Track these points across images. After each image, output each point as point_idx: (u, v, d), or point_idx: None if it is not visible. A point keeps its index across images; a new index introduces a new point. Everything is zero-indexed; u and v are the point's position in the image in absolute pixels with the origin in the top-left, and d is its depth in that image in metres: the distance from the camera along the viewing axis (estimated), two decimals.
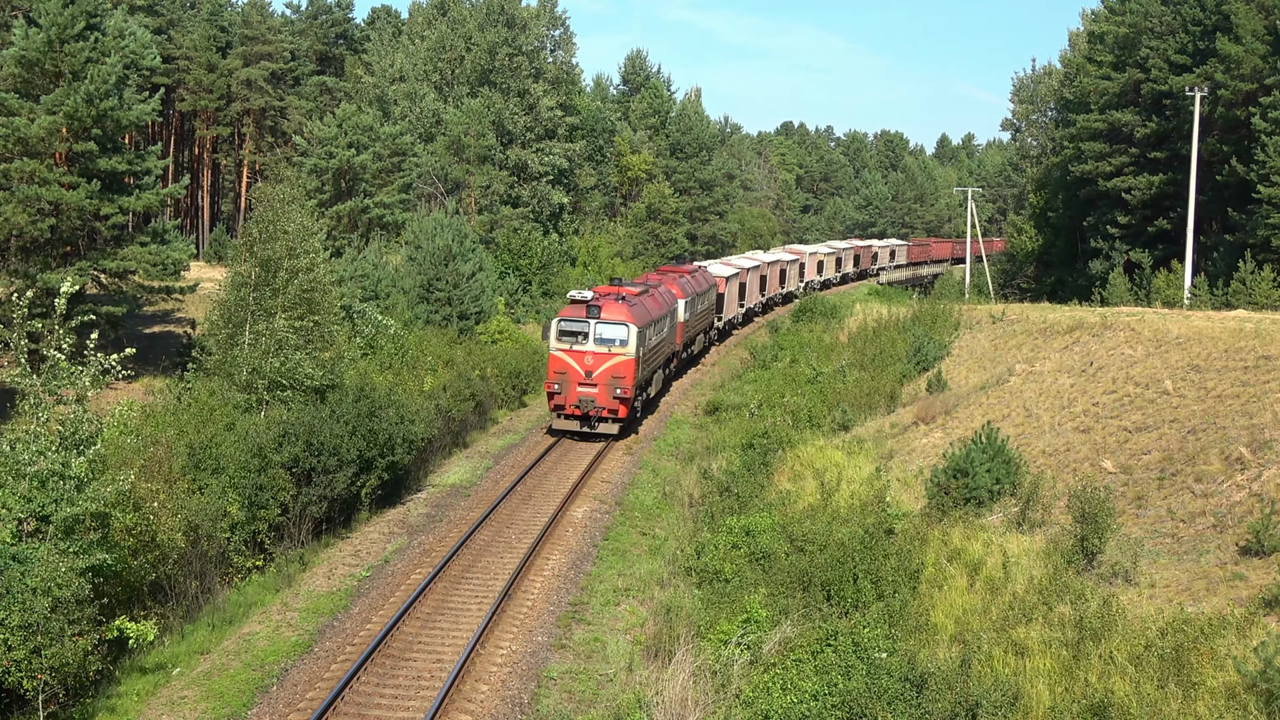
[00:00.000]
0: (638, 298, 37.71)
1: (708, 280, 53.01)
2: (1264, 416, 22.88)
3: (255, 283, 29.46)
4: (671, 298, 43.85)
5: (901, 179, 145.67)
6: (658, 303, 40.24)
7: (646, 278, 48.20)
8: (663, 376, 42.57)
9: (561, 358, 34.89)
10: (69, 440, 17.40)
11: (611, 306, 35.21)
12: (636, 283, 42.96)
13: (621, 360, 34.74)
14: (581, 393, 34.69)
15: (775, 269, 72.79)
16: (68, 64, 37.17)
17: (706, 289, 51.83)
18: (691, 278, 49.82)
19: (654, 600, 21.33)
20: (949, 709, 14.59)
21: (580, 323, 34.94)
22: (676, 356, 46.19)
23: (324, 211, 53.88)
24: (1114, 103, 62.07)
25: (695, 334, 49.94)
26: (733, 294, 59.81)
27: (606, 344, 34.71)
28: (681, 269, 51.72)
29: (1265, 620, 15.94)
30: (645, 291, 39.93)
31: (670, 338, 43.07)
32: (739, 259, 67.85)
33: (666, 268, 53.00)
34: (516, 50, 71.53)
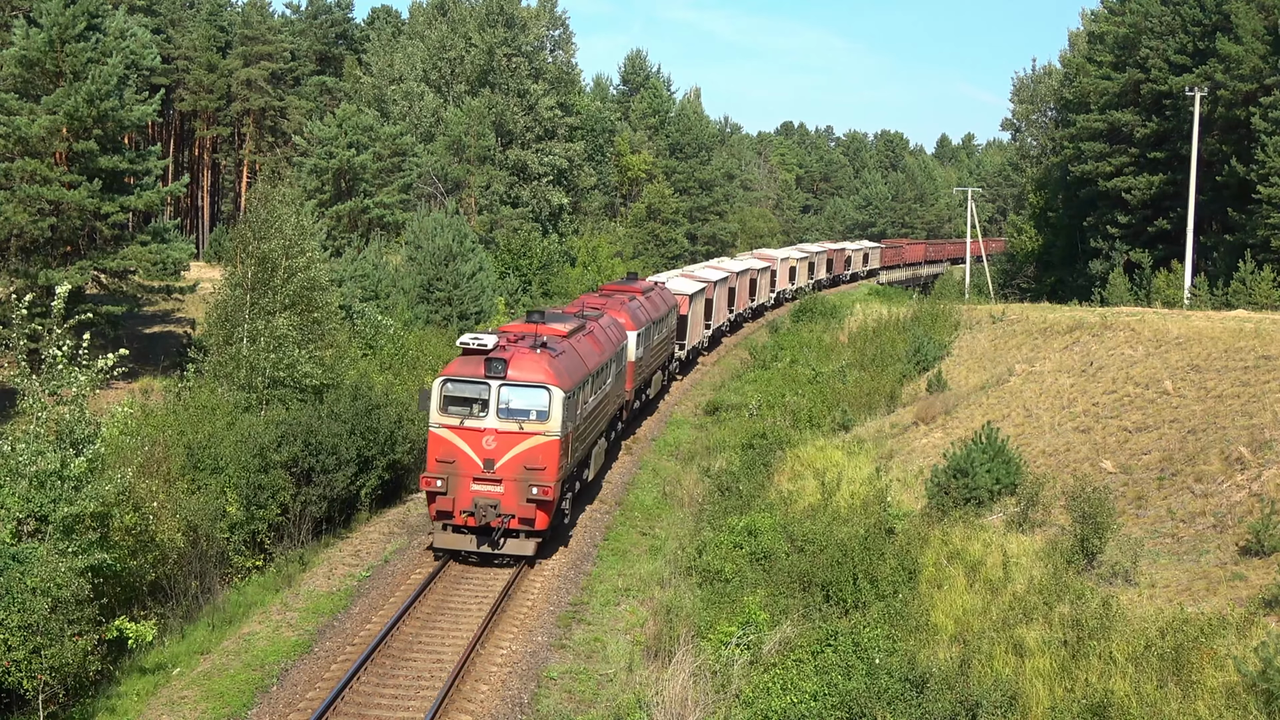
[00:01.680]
0: (566, 341, 26.14)
1: (666, 301, 41.95)
2: (1264, 416, 22.88)
3: (252, 282, 29.48)
4: (618, 331, 32.59)
5: (901, 179, 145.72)
6: (598, 343, 28.92)
7: (584, 303, 35.10)
8: (605, 446, 30.14)
9: (447, 439, 22.77)
10: (67, 440, 17.41)
11: (524, 360, 23.37)
12: (569, 312, 31.23)
13: (541, 442, 22.72)
14: (478, 493, 22.57)
15: (745, 280, 61.85)
16: (68, 64, 37.19)
17: (665, 313, 40.82)
18: (645, 300, 38.20)
19: (654, 600, 21.33)
20: (949, 709, 14.59)
21: (476, 385, 22.96)
22: (626, 408, 34.73)
23: (324, 211, 53.92)
24: (1114, 103, 62.07)
25: (652, 372, 38.18)
26: (697, 315, 49.17)
27: (517, 417, 22.88)
28: (631, 288, 39.61)
29: (1265, 620, 15.94)
30: (579, 329, 28.11)
31: (617, 387, 31.75)
32: (703, 270, 56.66)
33: (612, 286, 40.78)
34: (516, 50, 71.54)
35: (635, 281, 42.60)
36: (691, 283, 48.97)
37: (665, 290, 43.76)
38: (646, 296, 38.92)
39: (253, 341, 28.60)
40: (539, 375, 23.10)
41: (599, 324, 30.64)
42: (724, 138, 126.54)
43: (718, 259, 69.98)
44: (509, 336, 24.80)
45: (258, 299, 29.41)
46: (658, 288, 42.71)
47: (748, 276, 62.33)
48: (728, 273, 57.12)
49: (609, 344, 30.23)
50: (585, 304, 34.42)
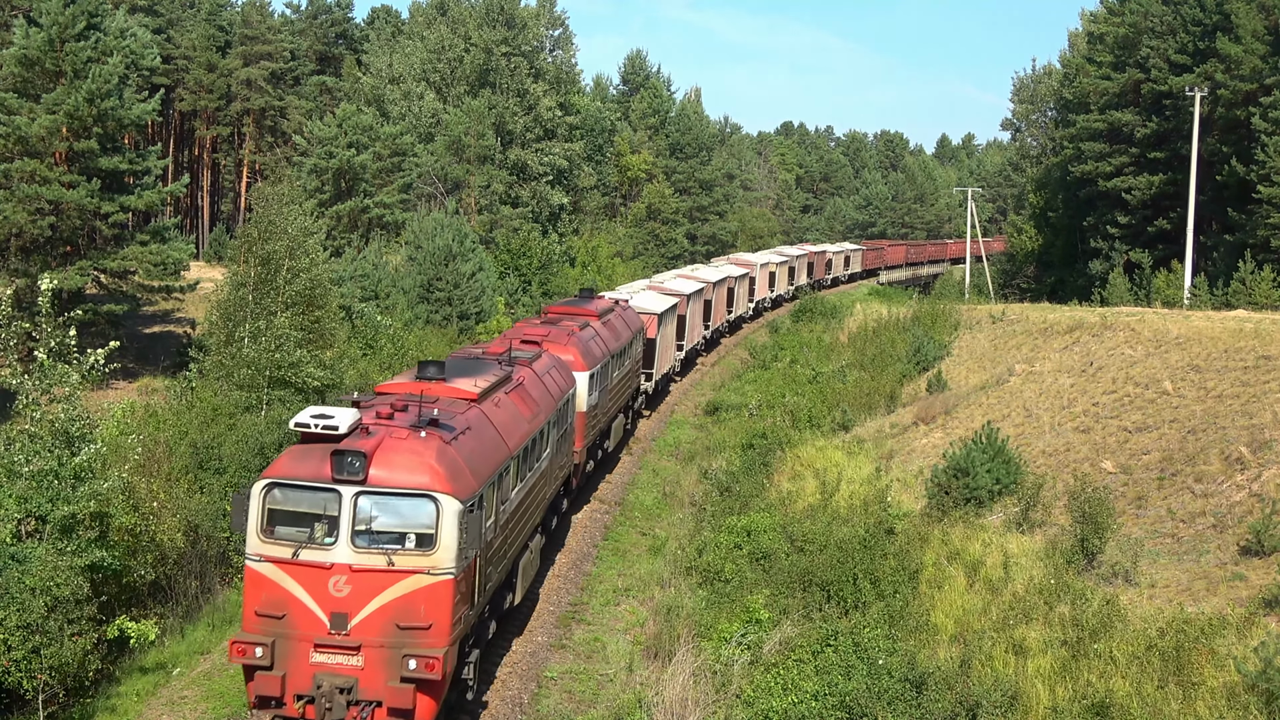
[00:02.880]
0: (475, 409, 17.65)
1: (630, 324, 34.04)
2: (1264, 416, 22.88)
3: (255, 282, 29.49)
4: (561, 376, 24.19)
5: (901, 179, 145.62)
6: (529, 401, 20.52)
7: (517, 335, 26.23)
8: (541, 542, 21.63)
9: (272, 580, 14.68)
10: (61, 438, 17.41)
11: (398, 450, 15.03)
12: (490, 353, 22.64)
13: (423, 585, 14.62)
14: (322, 667, 14.52)
15: (722, 290, 55.00)
16: (68, 63, 37.20)
17: (629, 340, 32.92)
18: (602, 326, 30.44)
19: (654, 600, 21.33)
20: (949, 709, 14.60)
21: (318, 493, 14.80)
22: (576, 473, 26.37)
23: (324, 211, 53.88)
24: (1114, 103, 62.07)
25: (611, 418, 30.56)
26: (668, 337, 41.37)
27: (384, 545, 14.70)
28: (584, 310, 31.33)
29: (1265, 620, 15.95)
30: (500, 384, 19.60)
31: (560, 457, 23.35)
32: (675, 281, 48.45)
33: (559, 309, 32.04)
34: (515, 50, 71.53)
35: (590, 301, 33.39)
36: (660, 298, 41.37)
37: (628, 310, 35.38)
38: (604, 321, 30.89)
39: (254, 340, 28.62)
40: (420, 476, 14.57)
41: (533, 370, 21.86)
42: (724, 138, 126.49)
43: (691, 266, 61.45)
44: (382, 408, 15.77)
45: (260, 298, 29.43)
46: (619, 307, 34.31)
47: (725, 286, 55.74)
48: (703, 283, 50.00)
49: (547, 398, 21.66)
50: (520, 336, 25.80)
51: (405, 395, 16.88)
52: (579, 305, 32.33)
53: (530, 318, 32.76)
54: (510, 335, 26.14)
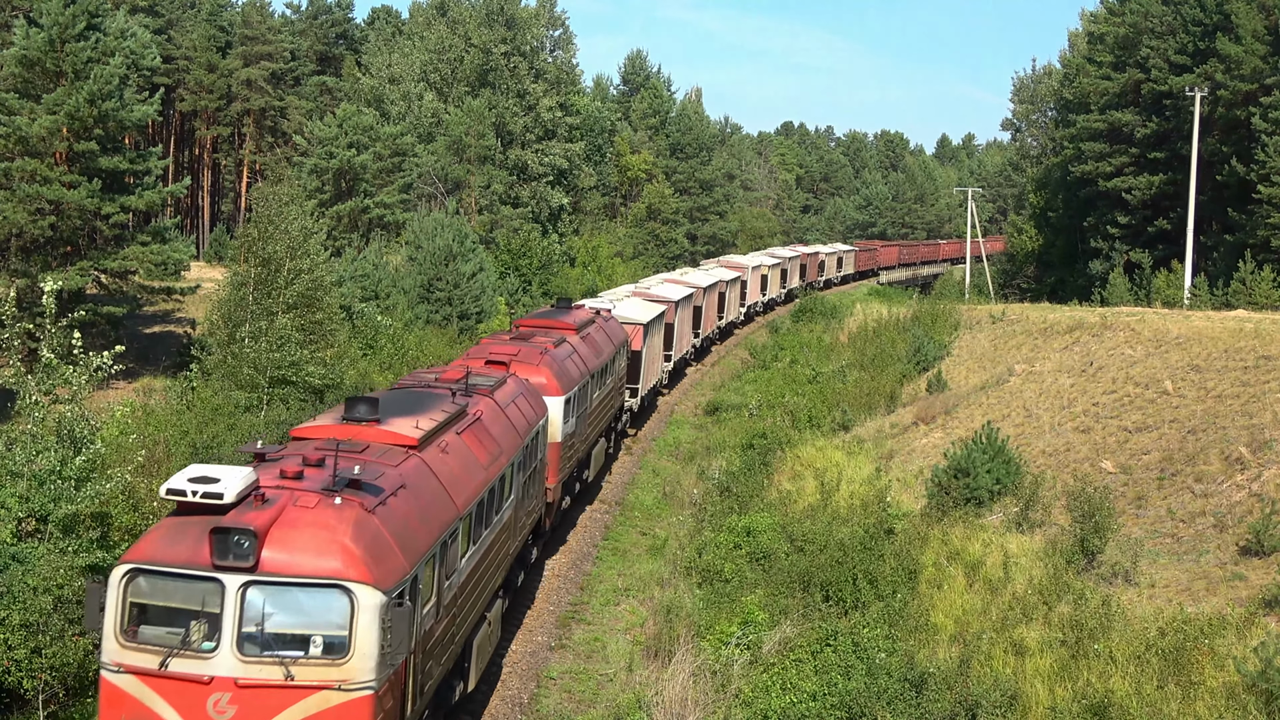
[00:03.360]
0: (414, 459, 14.06)
1: (613, 336, 31.46)
2: (1264, 416, 22.89)
3: (255, 282, 29.51)
4: (530, 406, 20.71)
5: (902, 179, 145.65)
6: (486, 444, 16.80)
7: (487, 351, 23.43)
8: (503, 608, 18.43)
9: (134, 696, 10.99)
10: (66, 439, 17.42)
11: (300, 527, 11.30)
12: (444, 381, 18.76)
13: (334, 705, 10.92)
14: None
15: (713, 295, 51.91)
16: (69, 64, 37.20)
17: (611, 354, 30.16)
18: (581, 341, 27.41)
19: (654, 600, 21.33)
20: (949, 709, 14.60)
21: (196, 582, 11.08)
22: (549, 513, 22.89)
23: (324, 211, 53.89)
24: (1114, 103, 62.09)
25: (591, 444, 27.43)
26: (655, 348, 38.76)
27: (279, 649, 11.01)
28: (561, 323, 28.19)
29: (1265, 620, 15.96)
30: (449, 423, 15.98)
31: (530, 495, 20.15)
32: (662, 286, 45.28)
33: (532, 321, 28.87)
34: (514, 50, 71.54)
35: (567, 312, 30.26)
36: (647, 306, 38.37)
37: (611, 322, 32.51)
38: (583, 335, 27.94)
39: (255, 340, 28.62)
40: (329, 560, 11.08)
41: (494, 400, 18.20)
42: (724, 138, 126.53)
43: (680, 270, 57.96)
44: (289, 463, 12.33)
45: (261, 299, 29.44)
46: (600, 319, 31.26)
47: (715, 291, 52.87)
48: (692, 288, 47.17)
49: (511, 434, 18.01)
50: (485, 355, 22.77)
51: (323, 444, 12.93)
52: (554, 318, 28.96)
53: (499, 333, 28.11)
54: (475, 355, 23.21)
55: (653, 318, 37.54)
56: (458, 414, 16.37)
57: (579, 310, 31.49)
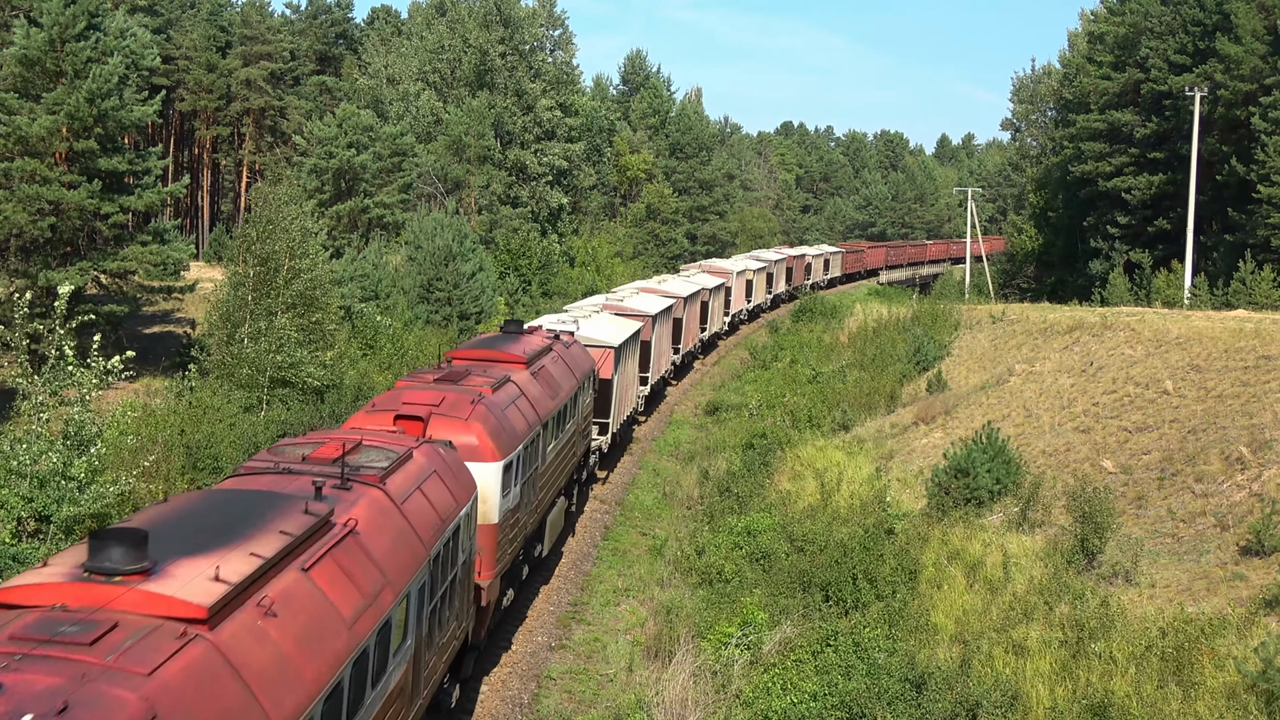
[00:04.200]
0: (205, 649, 7.98)
1: (577, 366, 25.81)
2: (1264, 416, 22.88)
3: (254, 282, 29.51)
4: (451, 484, 14.75)
5: (901, 179, 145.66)
6: (357, 576, 10.75)
7: (399, 401, 17.64)
8: None
9: None
10: (72, 440, 17.43)
11: None
12: (312, 461, 13.12)
13: None
14: None
15: (694, 305, 47.56)
16: (69, 63, 37.18)
17: (575, 389, 24.59)
18: (532, 379, 21.68)
19: (654, 600, 21.33)
20: (949, 709, 14.60)
21: None
22: (484, 619, 17.52)
23: (324, 211, 53.90)
24: (1114, 103, 62.08)
25: (547, 508, 21.67)
26: (629, 372, 33.46)
27: None
28: (507, 355, 22.23)
29: (1265, 620, 15.95)
30: (300, 548, 10.15)
31: (444, 620, 14.06)
32: (639, 298, 39.69)
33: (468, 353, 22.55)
34: (512, 50, 71.55)
35: (516, 340, 23.75)
36: (619, 325, 32.93)
37: (574, 347, 26.78)
38: (535, 371, 22.09)
39: (255, 341, 28.62)
40: None
41: (384, 494, 12.55)
42: (724, 138, 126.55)
43: (658, 278, 52.46)
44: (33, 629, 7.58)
45: (260, 299, 29.44)
46: (560, 345, 25.57)
47: (698, 300, 48.50)
48: (672, 298, 42.43)
49: (409, 547, 12.41)
50: (396, 407, 17.02)
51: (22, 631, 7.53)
52: (498, 347, 22.56)
53: (422, 371, 20.95)
54: (384, 405, 17.13)
55: (626, 338, 31.82)
56: (310, 533, 10.40)
57: (531, 336, 25.12)
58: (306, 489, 11.57)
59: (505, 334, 24.80)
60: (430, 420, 16.80)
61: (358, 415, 17.28)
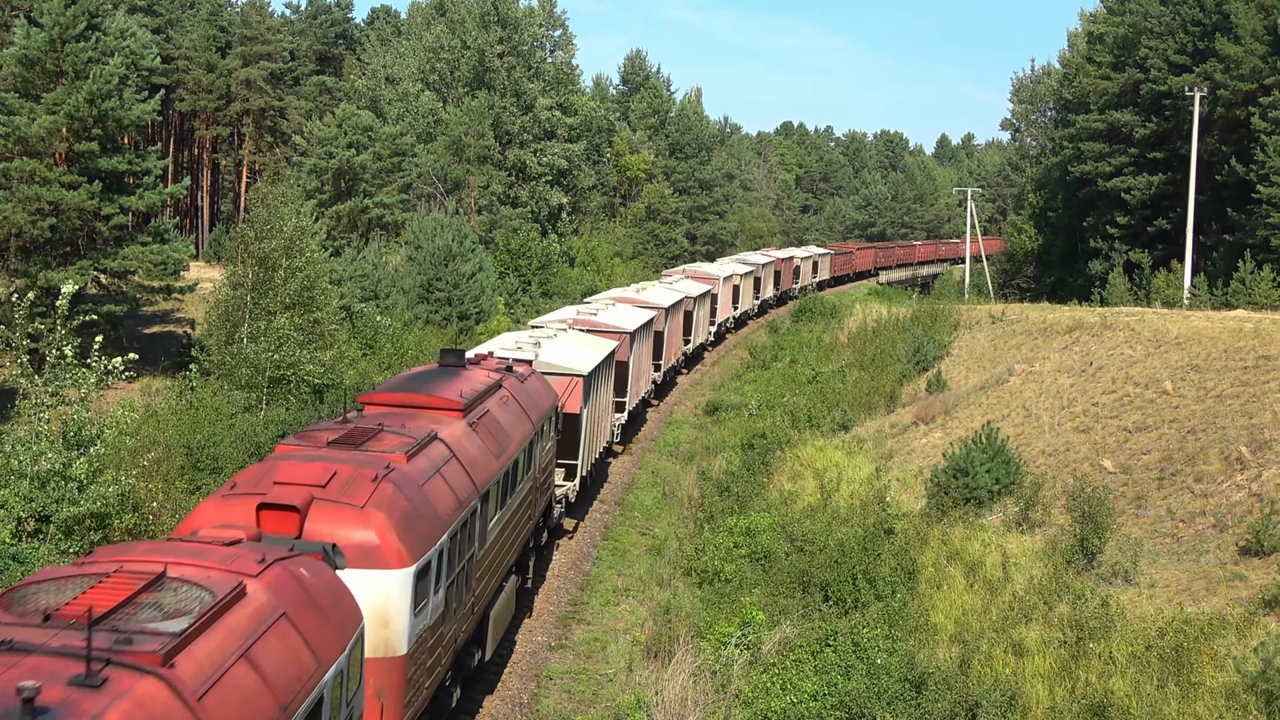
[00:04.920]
0: None
1: (533, 406, 20.89)
2: (1264, 416, 22.88)
3: (252, 282, 29.51)
4: (325, 631, 9.55)
5: (901, 179, 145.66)
6: None
7: (268, 479, 12.29)
8: None
9: None
10: (72, 441, 17.43)
11: None
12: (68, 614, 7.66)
13: None
14: None
15: (677, 316, 43.54)
16: (69, 64, 37.20)
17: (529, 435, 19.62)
18: (469, 433, 16.47)
19: (654, 600, 21.34)
20: (949, 709, 14.60)
21: None
22: None
23: (324, 211, 53.90)
24: (1113, 103, 62.07)
25: (487, 603, 16.83)
26: (601, 402, 28.22)
27: None
28: (437, 399, 16.93)
29: (1265, 620, 15.95)
30: None
31: None
32: (614, 311, 34.98)
33: (387, 397, 17.09)
34: (510, 50, 71.54)
35: (456, 375, 18.81)
36: (590, 346, 27.93)
37: (531, 381, 21.67)
38: (476, 419, 17.12)
39: (254, 341, 28.62)
40: None
41: (197, 660, 7.70)
42: (724, 138, 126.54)
43: (636, 286, 46.82)
44: None
45: (259, 299, 29.44)
46: (512, 378, 20.62)
47: (681, 310, 44.47)
48: (653, 310, 38.15)
49: None
50: (265, 491, 12.10)
51: None
52: (429, 389, 17.21)
53: (317, 426, 15.52)
54: (241, 488, 12.31)
55: (600, 362, 26.87)
56: None
57: (474, 370, 19.76)
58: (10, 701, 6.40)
59: (441, 368, 19.40)
60: (310, 510, 11.68)
61: (207, 504, 12.13)
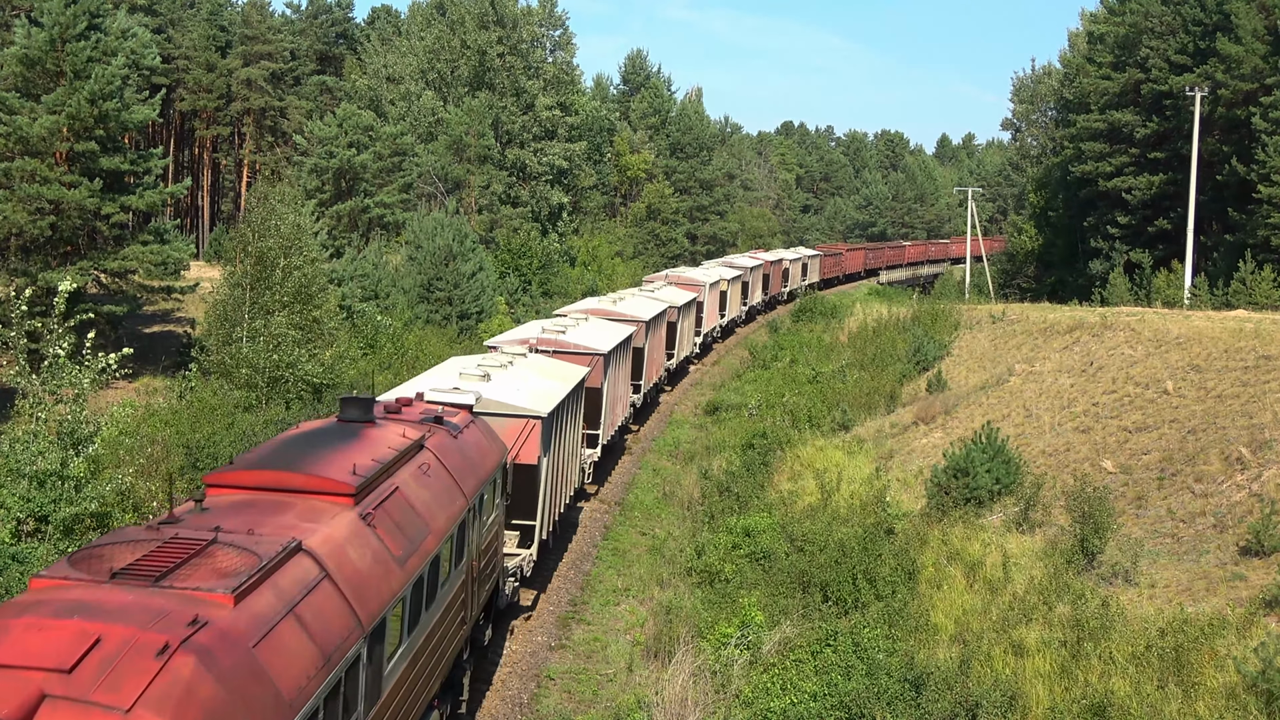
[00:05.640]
0: None
1: (474, 465, 15.46)
2: (1264, 416, 22.87)
3: (251, 281, 29.52)
4: None
5: (901, 179, 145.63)
6: None
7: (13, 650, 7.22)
8: None
9: None
10: (68, 440, 17.42)
11: None
12: None
13: None
14: None
15: (659, 329, 39.42)
16: (69, 64, 37.19)
17: (460, 511, 13.99)
18: (367, 534, 10.90)
19: (654, 600, 21.33)
20: (948, 709, 14.59)
21: None
22: None
23: (324, 211, 53.91)
24: (1114, 103, 62.05)
25: None
26: (569, 442, 23.47)
27: None
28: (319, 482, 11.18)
29: (1265, 620, 15.95)
30: None
31: None
32: (586, 328, 30.53)
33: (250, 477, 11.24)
34: (510, 50, 71.52)
35: (357, 437, 13.26)
36: (554, 376, 23.26)
37: (469, 434, 16.40)
38: (376, 506, 11.59)
39: (253, 340, 28.62)
40: None
41: None
42: (724, 138, 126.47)
43: (613, 295, 41.14)
44: None
45: (257, 298, 29.45)
46: (441, 435, 15.24)
47: (664, 322, 40.30)
48: (634, 324, 34.31)
49: None
50: None
51: None
52: (310, 462, 11.89)
53: (120, 532, 9.82)
54: None
55: (564, 398, 21.79)
56: None
57: (385, 428, 14.03)
58: None
59: (340, 424, 13.84)
60: (41, 709, 7.03)
61: None
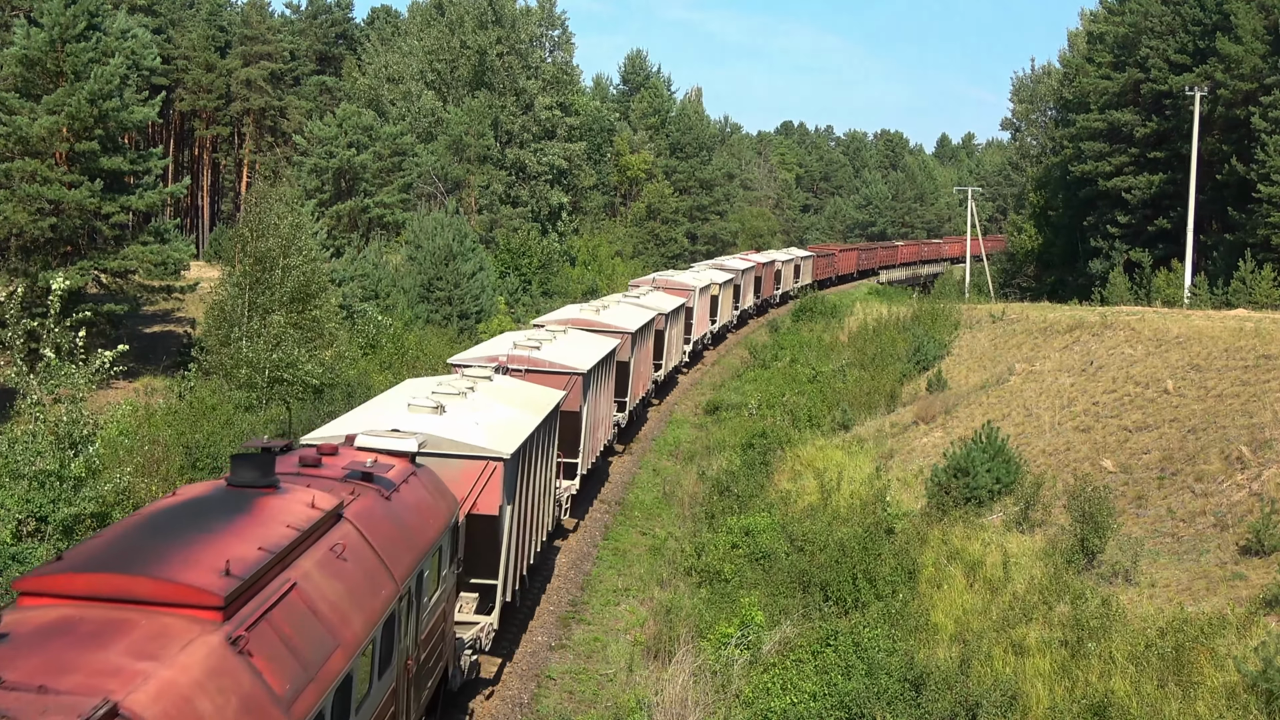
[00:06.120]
0: None
1: (415, 530, 12.19)
2: (1264, 416, 22.87)
3: (250, 281, 29.53)
4: None
5: (901, 179, 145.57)
6: None
7: None
8: None
9: None
10: (65, 440, 17.41)
11: None
12: None
13: None
14: None
15: (648, 340, 36.61)
16: (69, 64, 37.21)
17: (390, 598, 10.70)
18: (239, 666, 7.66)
19: (654, 600, 21.32)
20: (949, 709, 14.59)
21: None
22: None
23: (324, 211, 53.91)
24: (1114, 102, 62.04)
25: None
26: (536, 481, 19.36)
27: None
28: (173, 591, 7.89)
29: (1265, 620, 15.94)
30: None
31: None
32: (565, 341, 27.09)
33: (82, 582, 8.00)
34: (509, 49, 71.51)
35: (250, 506, 9.83)
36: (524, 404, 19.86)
37: (409, 488, 12.85)
38: (253, 622, 8.14)
39: (252, 340, 28.62)
40: None
41: None
42: (724, 137, 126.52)
43: (596, 302, 37.62)
44: None
45: (256, 297, 29.46)
46: (371, 495, 11.74)
47: (652, 331, 37.36)
48: (619, 336, 31.39)
49: None
50: None
51: None
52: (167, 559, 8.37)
53: None
54: None
55: (532, 430, 18.51)
56: None
57: (289, 496, 10.50)
58: None
59: (229, 490, 10.45)
60: None
61: None
